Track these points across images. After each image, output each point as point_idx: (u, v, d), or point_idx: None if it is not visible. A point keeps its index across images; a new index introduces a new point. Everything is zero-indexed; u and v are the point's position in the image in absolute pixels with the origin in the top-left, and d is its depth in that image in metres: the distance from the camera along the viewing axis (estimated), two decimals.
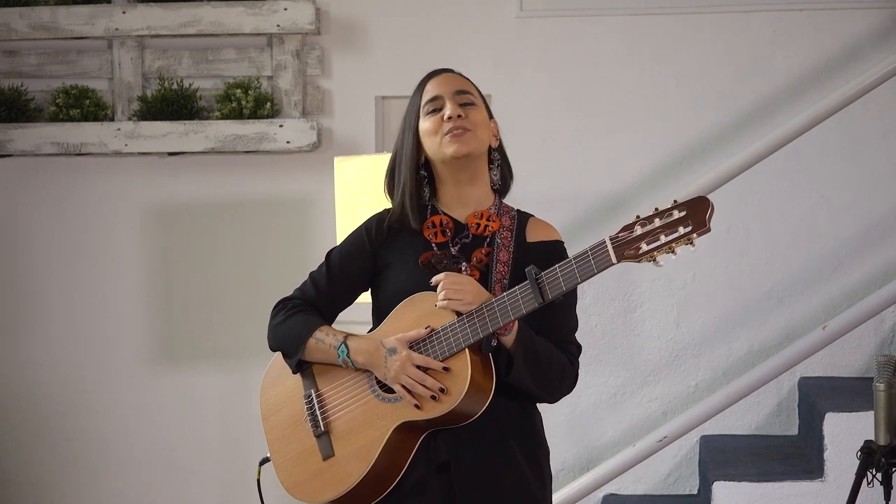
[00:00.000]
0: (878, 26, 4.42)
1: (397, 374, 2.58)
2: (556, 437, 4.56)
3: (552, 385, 2.66)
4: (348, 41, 4.63)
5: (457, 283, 2.57)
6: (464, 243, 2.70)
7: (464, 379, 2.54)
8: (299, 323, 2.71)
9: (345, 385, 2.68)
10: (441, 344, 2.58)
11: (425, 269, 2.67)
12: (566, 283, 2.49)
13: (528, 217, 2.77)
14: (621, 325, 4.53)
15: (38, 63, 4.74)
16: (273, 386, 2.79)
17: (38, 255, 4.76)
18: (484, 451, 2.63)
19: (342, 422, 2.67)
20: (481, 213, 2.71)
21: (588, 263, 2.47)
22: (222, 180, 4.69)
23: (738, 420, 4.47)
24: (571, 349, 2.71)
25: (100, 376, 4.75)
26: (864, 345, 4.42)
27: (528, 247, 2.71)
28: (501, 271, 2.66)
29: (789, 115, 4.31)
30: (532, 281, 2.50)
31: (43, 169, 4.75)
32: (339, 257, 2.77)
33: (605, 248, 2.46)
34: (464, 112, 2.69)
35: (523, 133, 4.54)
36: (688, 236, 2.41)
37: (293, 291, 2.80)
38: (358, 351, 2.64)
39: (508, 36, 4.56)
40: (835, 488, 3.83)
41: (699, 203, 2.42)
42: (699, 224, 2.40)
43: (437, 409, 2.55)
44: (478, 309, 2.55)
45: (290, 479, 2.71)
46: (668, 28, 4.51)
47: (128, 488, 4.75)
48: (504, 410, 2.63)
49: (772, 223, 4.49)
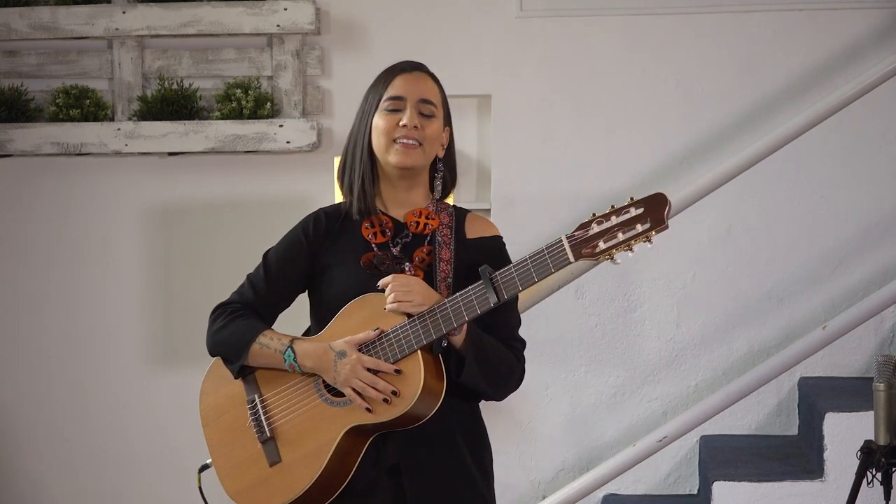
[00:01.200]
0: (878, 26, 4.42)
1: (348, 377, 2.53)
2: (556, 437, 4.56)
3: (501, 383, 2.65)
4: (348, 41, 4.63)
5: (405, 285, 2.53)
6: (404, 243, 2.67)
7: (417, 381, 2.50)
8: (241, 328, 2.67)
9: (290, 389, 2.64)
10: (392, 346, 2.54)
11: (367, 270, 2.63)
12: (522, 282, 2.47)
13: (465, 213, 2.75)
14: (621, 325, 4.53)
15: (38, 63, 4.74)
16: (213, 391, 2.74)
17: (38, 255, 4.76)
18: (434, 453, 2.60)
19: (288, 427, 2.62)
20: (420, 212, 2.68)
21: (545, 262, 2.45)
22: (222, 180, 4.69)
23: (738, 420, 4.47)
24: (516, 345, 2.70)
25: (99, 376, 4.75)
26: (864, 345, 4.42)
27: (469, 243, 2.68)
28: (445, 270, 2.63)
29: (789, 115, 4.31)
30: (487, 281, 2.47)
31: (43, 169, 4.75)
32: (277, 259, 2.74)
33: (562, 246, 2.44)
34: (421, 124, 2.64)
35: (523, 133, 4.54)
36: (646, 234, 2.39)
37: (231, 295, 2.76)
38: (305, 355, 2.59)
39: (508, 36, 4.56)
40: (835, 488, 3.83)
41: (657, 200, 2.40)
42: (657, 221, 2.39)
43: (390, 412, 2.51)
44: (429, 310, 2.51)
45: (234, 486, 2.67)
46: (668, 28, 4.51)
47: (127, 488, 4.75)
48: (452, 411, 2.60)
49: (772, 223, 4.49)
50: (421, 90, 2.68)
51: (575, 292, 4.49)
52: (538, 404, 4.56)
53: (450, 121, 2.74)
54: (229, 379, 2.70)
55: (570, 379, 4.55)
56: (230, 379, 2.70)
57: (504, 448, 4.58)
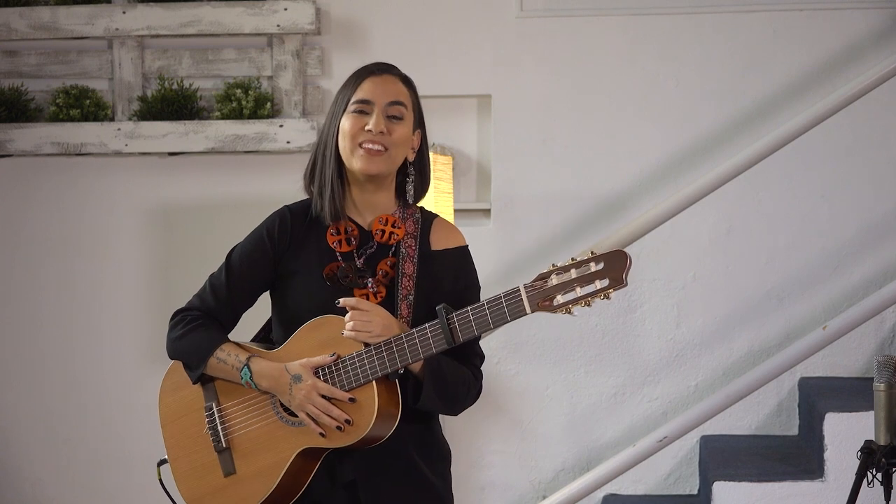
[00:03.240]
0: (878, 26, 4.42)
1: (302, 402, 2.54)
2: (556, 437, 4.56)
3: (458, 403, 2.64)
4: (348, 41, 4.63)
5: (365, 315, 2.51)
6: (369, 254, 2.65)
7: (370, 412, 2.51)
8: (199, 339, 2.67)
9: (248, 403, 2.65)
10: (347, 373, 2.53)
11: (329, 282, 2.62)
12: (478, 328, 2.46)
13: (432, 220, 2.72)
14: (621, 325, 4.53)
15: (38, 63, 4.74)
16: (173, 391, 2.75)
17: (38, 255, 4.76)
18: (390, 469, 2.60)
19: (244, 439, 2.64)
20: (386, 219, 2.66)
21: (501, 311, 2.45)
22: (222, 180, 4.69)
23: (739, 420, 4.47)
24: (475, 361, 2.68)
25: (99, 376, 4.75)
26: (864, 345, 4.43)
27: (433, 255, 2.66)
28: (407, 286, 2.61)
29: (789, 115, 4.31)
30: (443, 321, 2.47)
31: (43, 169, 4.75)
32: (240, 261, 2.72)
33: (520, 296, 2.44)
34: (388, 128, 2.62)
35: (523, 133, 4.54)
36: (604, 291, 2.40)
37: (192, 298, 2.75)
38: (261, 375, 2.59)
39: (508, 36, 4.56)
40: (835, 488, 3.83)
41: (616, 257, 2.39)
42: (615, 280, 2.39)
43: (343, 439, 2.53)
44: (386, 342, 2.50)
45: (190, 492, 2.70)
46: (668, 28, 4.51)
47: (126, 488, 4.75)
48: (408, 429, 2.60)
49: (772, 223, 4.48)
50: (390, 93, 2.66)
51: None
52: (538, 404, 4.56)
53: (422, 124, 2.72)
54: (189, 382, 2.71)
55: (570, 379, 4.55)
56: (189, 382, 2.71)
57: (504, 448, 4.58)
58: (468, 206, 4.59)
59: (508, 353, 4.55)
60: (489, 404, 4.57)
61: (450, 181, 4.38)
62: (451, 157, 4.48)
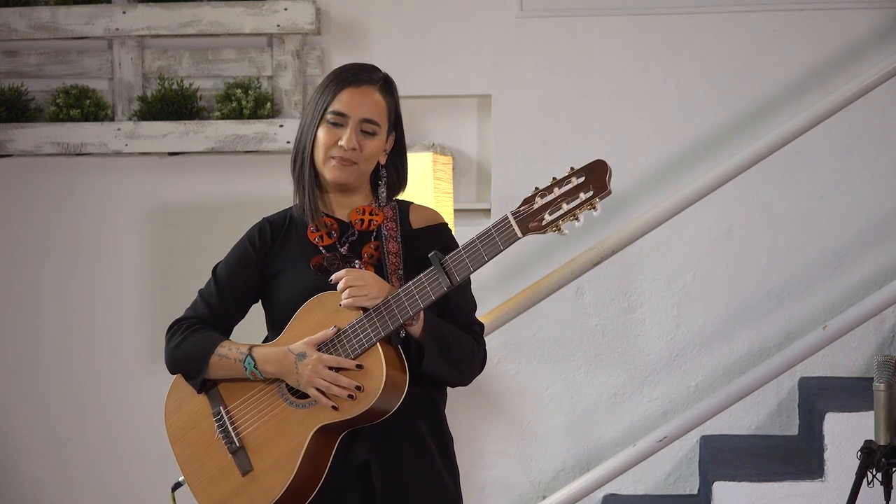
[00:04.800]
0: (878, 26, 4.42)
1: (310, 377, 2.54)
2: (556, 437, 4.56)
3: (464, 367, 2.66)
4: (348, 41, 4.63)
5: (359, 279, 2.55)
6: (352, 241, 2.69)
7: (379, 374, 2.51)
8: (198, 342, 2.68)
9: (254, 397, 2.65)
10: (350, 342, 2.55)
11: (318, 272, 2.65)
12: (472, 263, 2.49)
13: (408, 205, 2.76)
14: (621, 325, 4.53)
15: (38, 63, 4.74)
16: (178, 409, 2.76)
17: (38, 255, 4.76)
18: (403, 448, 2.62)
19: (256, 434, 2.63)
20: (363, 209, 2.70)
21: (493, 241, 2.48)
22: (222, 180, 4.69)
23: (738, 420, 4.47)
24: (475, 328, 2.71)
25: (99, 376, 4.75)
26: (864, 345, 4.43)
27: (415, 233, 2.70)
28: (395, 262, 2.65)
29: (789, 115, 4.31)
30: (438, 266, 2.49)
31: (43, 169, 4.75)
32: (227, 272, 2.75)
33: (509, 223, 2.48)
34: (360, 143, 2.65)
35: (523, 133, 4.54)
36: (590, 201, 2.44)
37: (185, 311, 2.76)
38: (266, 360, 2.60)
39: (508, 36, 4.56)
40: (835, 488, 3.83)
41: (597, 167, 2.45)
42: (600, 188, 2.44)
43: (355, 407, 2.52)
44: (384, 302, 2.53)
45: (209, 499, 2.68)
46: (668, 28, 4.51)
47: (126, 488, 4.75)
48: (416, 406, 2.62)
49: (772, 223, 4.49)
50: (364, 109, 2.67)
51: (575, 292, 4.49)
52: (538, 404, 4.56)
53: (398, 125, 2.74)
54: (192, 394, 2.72)
55: (570, 379, 4.55)
56: (193, 394, 2.72)
57: (504, 448, 4.58)
58: (468, 206, 4.59)
59: (508, 353, 4.55)
60: (489, 404, 4.57)
61: (450, 181, 4.38)
62: (451, 158, 4.48)
